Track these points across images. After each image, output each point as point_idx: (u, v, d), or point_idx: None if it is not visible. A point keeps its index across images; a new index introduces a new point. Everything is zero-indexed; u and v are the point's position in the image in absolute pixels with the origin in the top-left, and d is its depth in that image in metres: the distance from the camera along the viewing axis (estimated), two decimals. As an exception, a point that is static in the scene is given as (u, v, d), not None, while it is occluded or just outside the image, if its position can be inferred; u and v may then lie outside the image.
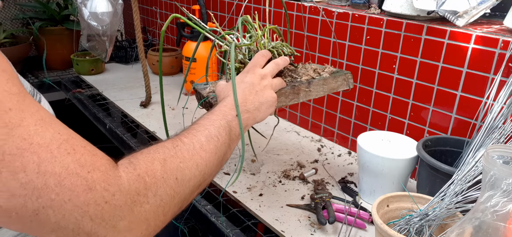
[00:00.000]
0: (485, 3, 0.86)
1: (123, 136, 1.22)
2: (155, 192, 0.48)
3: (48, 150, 0.40)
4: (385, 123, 1.06)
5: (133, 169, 0.47)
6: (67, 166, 0.41)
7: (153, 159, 0.50)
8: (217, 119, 0.63)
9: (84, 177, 0.41)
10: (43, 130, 0.41)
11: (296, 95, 0.80)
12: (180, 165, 0.53)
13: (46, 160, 0.40)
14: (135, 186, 0.46)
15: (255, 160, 1.08)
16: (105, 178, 0.43)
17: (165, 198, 0.49)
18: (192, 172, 0.54)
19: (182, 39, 1.60)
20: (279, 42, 0.84)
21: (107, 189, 0.43)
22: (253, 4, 1.36)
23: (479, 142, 0.76)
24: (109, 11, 1.39)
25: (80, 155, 0.42)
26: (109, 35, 1.48)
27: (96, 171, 0.42)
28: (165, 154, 0.52)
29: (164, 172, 0.50)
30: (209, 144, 0.59)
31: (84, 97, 1.51)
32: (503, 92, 0.79)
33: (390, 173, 0.86)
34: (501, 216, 0.48)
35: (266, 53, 0.77)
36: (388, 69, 1.02)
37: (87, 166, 0.42)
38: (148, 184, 0.47)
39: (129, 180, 0.45)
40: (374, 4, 1.09)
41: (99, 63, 1.74)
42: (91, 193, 0.41)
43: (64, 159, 0.41)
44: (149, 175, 0.48)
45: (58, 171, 0.40)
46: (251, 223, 0.86)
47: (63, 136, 0.42)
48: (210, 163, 0.58)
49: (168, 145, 0.54)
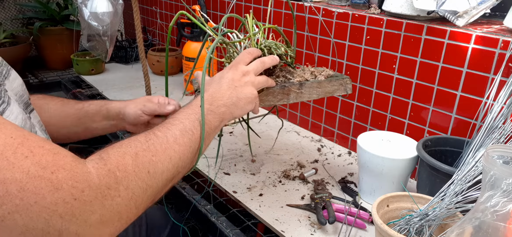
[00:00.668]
0: (485, 3, 0.86)
1: (123, 136, 1.22)
2: (127, 185, 0.48)
3: (3, 157, 0.40)
4: (385, 123, 1.06)
5: (103, 164, 0.47)
6: (27, 170, 0.40)
7: (124, 153, 0.50)
8: (193, 113, 0.64)
9: (48, 178, 0.41)
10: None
11: (286, 95, 0.80)
12: (152, 159, 0.53)
13: (4, 168, 0.39)
14: (105, 181, 0.46)
15: (255, 160, 1.08)
16: (71, 176, 0.43)
17: (137, 191, 0.50)
18: (165, 166, 0.55)
19: (182, 39, 1.60)
20: (272, 41, 0.84)
21: (75, 186, 0.43)
22: (253, 4, 1.36)
23: (479, 142, 0.76)
24: (110, 11, 1.39)
25: (40, 156, 0.42)
26: (109, 35, 1.48)
27: (61, 170, 0.42)
28: (137, 148, 0.52)
29: (136, 166, 0.50)
30: (183, 138, 0.59)
31: (84, 97, 1.51)
32: (503, 92, 0.79)
33: (390, 173, 0.86)
34: (501, 216, 0.48)
35: (254, 51, 0.78)
36: (388, 69, 1.02)
37: (49, 167, 0.42)
38: (119, 178, 0.48)
39: (99, 175, 0.46)
40: (374, 4, 1.09)
41: (99, 63, 1.74)
42: (58, 193, 0.41)
43: (22, 163, 0.40)
44: (120, 170, 0.48)
45: (18, 177, 0.40)
46: (251, 223, 0.86)
47: (17, 139, 0.42)
48: (184, 156, 0.59)
49: (141, 138, 0.55)
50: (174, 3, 1.81)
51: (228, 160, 1.08)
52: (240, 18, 0.85)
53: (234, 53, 0.83)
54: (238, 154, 1.11)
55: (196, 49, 1.47)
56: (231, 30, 0.84)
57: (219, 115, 0.67)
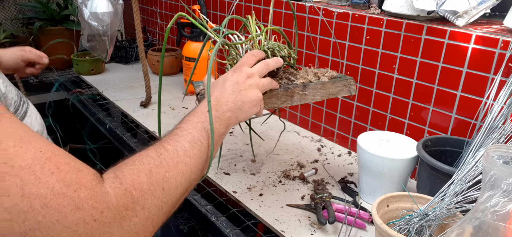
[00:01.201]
0: (485, 3, 0.86)
1: (123, 136, 1.22)
2: (143, 205, 0.47)
3: (31, 171, 0.39)
4: (385, 123, 1.06)
5: (119, 183, 0.46)
6: (52, 186, 0.40)
7: (139, 171, 0.49)
8: (199, 121, 0.63)
9: (71, 196, 0.41)
10: (23, 150, 0.40)
11: (290, 97, 0.80)
12: (165, 175, 0.52)
13: (30, 182, 0.39)
14: (123, 202, 0.45)
15: (255, 160, 1.08)
16: (92, 195, 0.42)
17: (153, 209, 0.49)
18: (178, 180, 0.54)
19: (182, 39, 1.60)
20: (276, 43, 0.83)
21: (95, 207, 0.42)
22: (253, 4, 1.36)
23: (479, 142, 0.76)
24: (110, 11, 1.39)
25: (65, 173, 0.41)
26: (109, 35, 1.48)
27: (83, 189, 0.42)
28: (150, 165, 0.51)
29: (151, 184, 0.49)
30: (193, 149, 0.58)
31: (84, 97, 1.51)
32: (503, 92, 0.79)
33: (390, 173, 0.86)
34: (501, 216, 0.48)
35: (258, 53, 0.77)
36: (388, 69, 1.02)
37: (73, 185, 0.41)
38: (136, 198, 0.47)
39: (117, 196, 0.45)
40: (374, 4, 1.09)
41: (99, 63, 1.74)
42: (79, 213, 0.41)
43: (48, 179, 0.40)
44: (136, 189, 0.47)
45: (43, 192, 0.39)
46: (251, 223, 0.86)
47: (45, 154, 0.41)
48: (195, 168, 0.58)
49: (152, 154, 0.53)
50: (174, 3, 1.81)
51: (228, 160, 1.07)
52: (242, 20, 0.85)
53: (237, 56, 0.83)
54: (238, 154, 1.11)
55: (196, 49, 1.47)
56: (232, 32, 0.84)
57: (225, 120, 0.66)
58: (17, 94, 0.56)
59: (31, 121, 0.57)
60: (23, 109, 0.56)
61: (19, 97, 0.57)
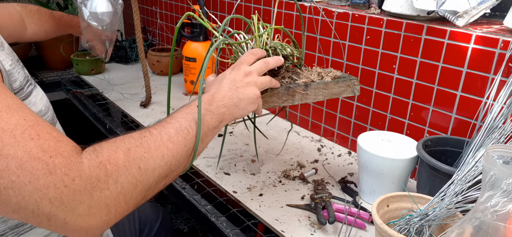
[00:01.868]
0: (485, 3, 0.86)
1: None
2: (116, 179, 0.49)
3: (12, 135, 0.43)
4: (385, 123, 1.06)
5: (95, 156, 0.48)
6: (29, 150, 0.43)
7: (117, 147, 0.51)
8: (191, 112, 0.64)
9: (46, 161, 0.43)
10: (8, 116, 0.43)
11: (291, 96, 0.79)
12: (144, 155, 0.53)
13: (9, 144, 0.42)
14: (95, 173, 0.47)
15: (255, 160, 1.08)
16: (66, 163, 0.45)
17: (126, 186, 0.50)
18: (157, 163, 0.55)
19: (182, 39, 1.60)
20: (278, 42, 0.84)
21: (67, 174, 0.44)
22: (253, 4, 1.36)
23: (479, 142, 0.76)
24: (109, 11, 1.38)
25: (44, 140, 0.44)
26: (109, 35, 1.47)
27: (58, 156, 0.44)
28: (130, 144, 0.53)
29: (127, 161, 0.51)
30: (177, 136, 0.59)
31: (84, 97, 1.51)
32: (503, 92, 0.79)
33: (390, 173, 0.86)
34: (501, 216, 0.48)
35: (258, 51, 0.77)
36: (388, 69, 1.02)
37: (49, 151, 0.44)
38: (109, 171, 0.49)
39: (90, 167, 0.47)
40: (374, 4, 1.09)
41: (99, 63, 1.74)
42: (51, 177, 0.43)
43: (27, 143, 0.43)
44: (111, 163, 0.49)
45: (20, 155, 0.42)
46: (251, 223, 0.86)
47: (29, 122, 0.44)
48: (178, 155, 0.59)
49: (135, 135, 0.55)
50: (174, 3, 1.81)
51: (228, 160, 1.08)
52: (246, 20, 0.85)
53: (239, 54, 0.83)
54: (238, 154, 1.11)
55: (196, 49, 1.47)
56: (238, 31, 0.84)
57: (218, 115, 0.67)
58: (25, 77, 0.60)
59: (36, 100, 0.61)
60: (28, 90, 0.60)
61: (26, 80, 0.60)
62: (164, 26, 1.93)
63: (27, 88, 0.60)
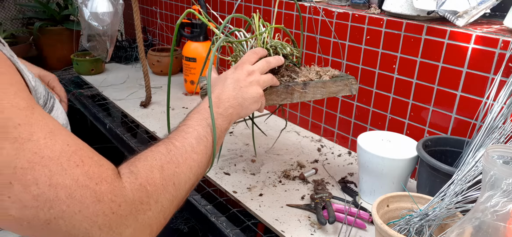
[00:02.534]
0: (485, 3, 0.86)
1: (123, 136, 1.22)
2: (157, 199, 0.50)
3: (58, 162, 0.41)
4: (385, 123, 1.06)
5: (134, 178, 0.49)
6: (76, 178, 0.42)
7: (152, 167, 0.52)
8: (204, 118, 0.65)
9: (93, 189, 0.43)
10: (52, 143, 0.42)
11: (290, 95, 0.80)
12: (176, 170, 0.55)
13: (57, 173, 0.41)
14: (138, 196, 0.48)
15: (255, 160, 1.08)
16: (111, 189, 0.45)
17: (165, 203, 0.52)
18: (187, 175, 0.57)
19: (182, 39, 1.60)
20: (278, 41, 0.84)
21: (114, 200, 0.44)
22: (253, 4, 1.36)
23: (479, 142, 0.76)
24: (110, 11, 1.39)
25: (88, 166, 0.44)
26: (109, 35, 1.48)
27: (104, 182, 0.44)
28: (162, 161, 0.54)
29: (163, 179, 0.52)
30: (199, 146, 0.61)
31: (84, 97, 1.51)
32: (503, 92, 0.79)
33: (390, 173, 0.86)
34: (501, 216, 0.48)
35: (259, 50, 0.78)
36: (388, 69, 1.02)
37: (95, 178, 0.44)
38: (150, 193, 0.49)
39: (133, 190, 0.47)
40: (374, 4, 1.09)
41: (99, 63, 1.74)
42: (99, 205, 0.43)
43: (73, 171, 0.42)
44: (150, 184, 0.50)
45: (68, 183, 0.41)
46: (251, 223, 0.86)
47: (72, 147, 0.44)
48: (202, 164, 0.61)
49: (162, 150, 0.56)
50: (174, 3, 1.81)
51: (228, 160, 1.07)
52: (247, 19, 0.85)
53: (240, 52, 0.84)
54: (238, 154, 1.11)
55: (196, 49, 1.47)
56: (238, 29, 0.85)
57: (227, 117, 0.68)
58: (45, 89, 0.59)
59: (58, 115, 0.60)
60: (51, 104, 0.59)
61: (47, 92, 0.59)
62: (164, 26, 1.93)
63: (49, 103, 0.59)
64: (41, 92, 0.56)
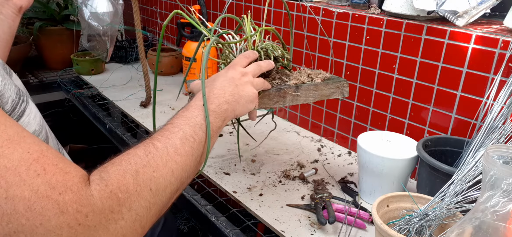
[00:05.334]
0: (485, 3, 0.86)
1: (123, 136, 1.22)
2: (130, 207, 0.46)
3: (16, 173, 0.39)
4: (385, 123, 1.06)
5: (105, 185, 0.45)
6: (36, 189, 0.39)
7: (124, 172, 0.48)
8: (193, 116, 0.61)
9: (55, 199, 0.40)
10: (10, 151, 0.40)
11: (282, 98, 0.79)
12: (153, 175, 0.50)
13: (14, 184, 0.39)
14: (108, 204, 0.44)
15: (255, 160, 1.08)
16: (77, 199, 0.41)
17: (140, 211, 0.48)
18: (168, 180, 0.52)
19: (182, 39, 1.60)
20: (269, 43, 0.83)
21: (80, 211, 0.41)
22: (253, 4, 1.36)
23: (479, 142, 0.76)
24: (110, 11, 1.39)
25: (51, 175, 0.41)
26: (109, 35, 1.48)
27: (68, 192, 0.41)
28: (137, 165, 0.50)
29: (137, 185, 0.48)
30: (184, 147, 0.56)
31: (84, 97, 1.51)
32: (503, 92, 0.79)
33: (390, 173, 0.86)
34: (501, 216, 0.48)
35: (250, 54, 0.77)
36: (388, 69, 1.02)
37: (58, 187, 0.41)
38: (122, 200, 0.46)
39: (102, 198, 0.44)
40: (374, 4, 1.09)
41: (99, 63, 1.74)
42: (63, 217, 0.40)
43: (33, 181, 0.40)
44: (122, 191, 0.46)
45: (27, 195, 0.39)
46: (251, 223, 0.86)
47: (33, 155, 0.41)
48: (187, 166, 0.56)
49: (140, 152, 0.52)
50: (174, 3, 1.81)
51: (228, 160, 1.08)
52: (237, 19, 0.85)
53: (229, 54, 0.83)
54: (238, 154, 1.11)
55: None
56: (227, 31, 0.84)
57: (221, 113, 0.65)
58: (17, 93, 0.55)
59: (29, 120, 0.56)
60: (21, 109, 0.55)
61: (18, 96, 0.56)
62: (164, 26, 1.93)
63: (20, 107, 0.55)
64: (10, 96, 0.53)
